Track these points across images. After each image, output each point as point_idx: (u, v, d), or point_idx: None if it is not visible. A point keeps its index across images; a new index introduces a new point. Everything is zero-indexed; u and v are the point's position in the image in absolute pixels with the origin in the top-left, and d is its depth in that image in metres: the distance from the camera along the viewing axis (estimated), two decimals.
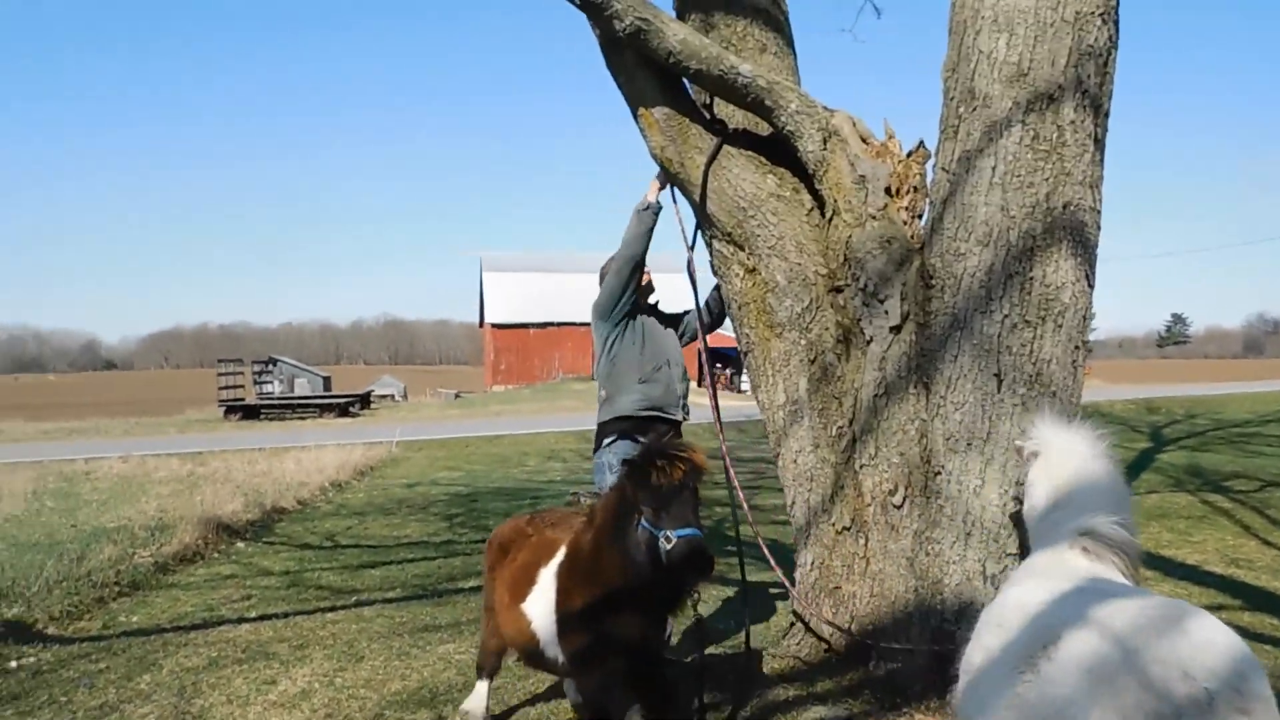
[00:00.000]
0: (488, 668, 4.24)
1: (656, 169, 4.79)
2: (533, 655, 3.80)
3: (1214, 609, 6.19)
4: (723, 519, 10.10)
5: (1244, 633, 5.51)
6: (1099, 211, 3.90)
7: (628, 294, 4.75)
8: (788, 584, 4.45)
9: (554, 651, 3.63)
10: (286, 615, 6.74)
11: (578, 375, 52.34)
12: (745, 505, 4.65)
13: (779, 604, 6.53)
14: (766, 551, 4.46)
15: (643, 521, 3.20)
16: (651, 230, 4.73)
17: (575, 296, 52.34)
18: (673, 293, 5.07)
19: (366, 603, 7.05)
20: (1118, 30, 3.88)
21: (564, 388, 46.99)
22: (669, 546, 3.09)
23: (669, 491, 3.15)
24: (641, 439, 4.67)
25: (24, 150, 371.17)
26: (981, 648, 2.54)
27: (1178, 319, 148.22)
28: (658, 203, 4.75)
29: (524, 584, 3.78)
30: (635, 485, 3.23)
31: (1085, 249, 3.85)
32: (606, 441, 4.75)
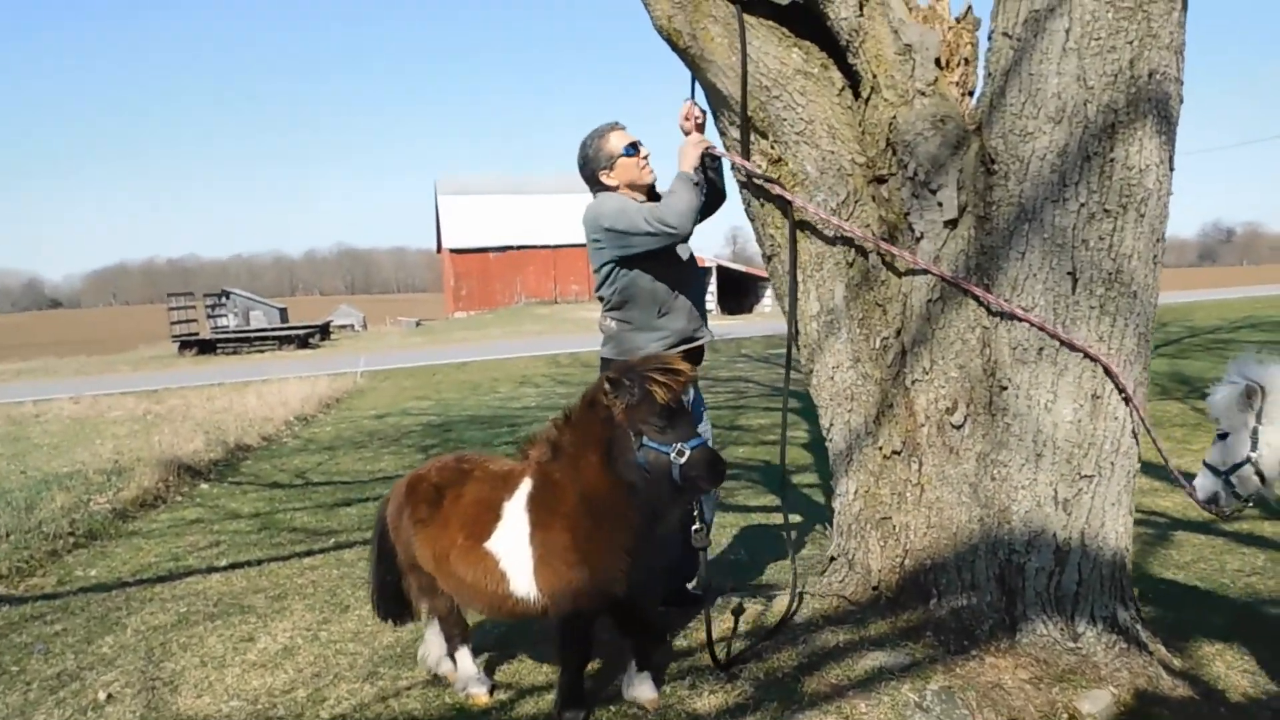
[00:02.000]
0: (459, 632, 3.82)
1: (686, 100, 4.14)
2: (498, 599, 3.48)
3: (1229, 519, 5.94)
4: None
5: (1267, 544, 5.30)
6: (1182, 82, 3.37)
7: (646, 248, 3.99)
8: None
9: (527, 590, 3.38)
10: (260, 562, 6.23)
11: (541, 299, 51.55)
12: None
13: (794, 535, 6.15)
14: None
15: (646, 440, 3.13)
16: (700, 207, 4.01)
17: (536, 219, 51.36)
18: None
19: (346, 545, 6.55)
20: None
21: (528, 312, 46.27)
22: (683, 460, 3.07)
23: (673, 406, 3.13)
24: None
25: None
26: None
27: None
28: (699, 173, 4.02)
29: (485, 521, 3.46)
30: (634, 405, 3.14)
31: (1169, 126, 3.34)
32: None
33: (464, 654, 3.83)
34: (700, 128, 4.12)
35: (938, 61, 3.60)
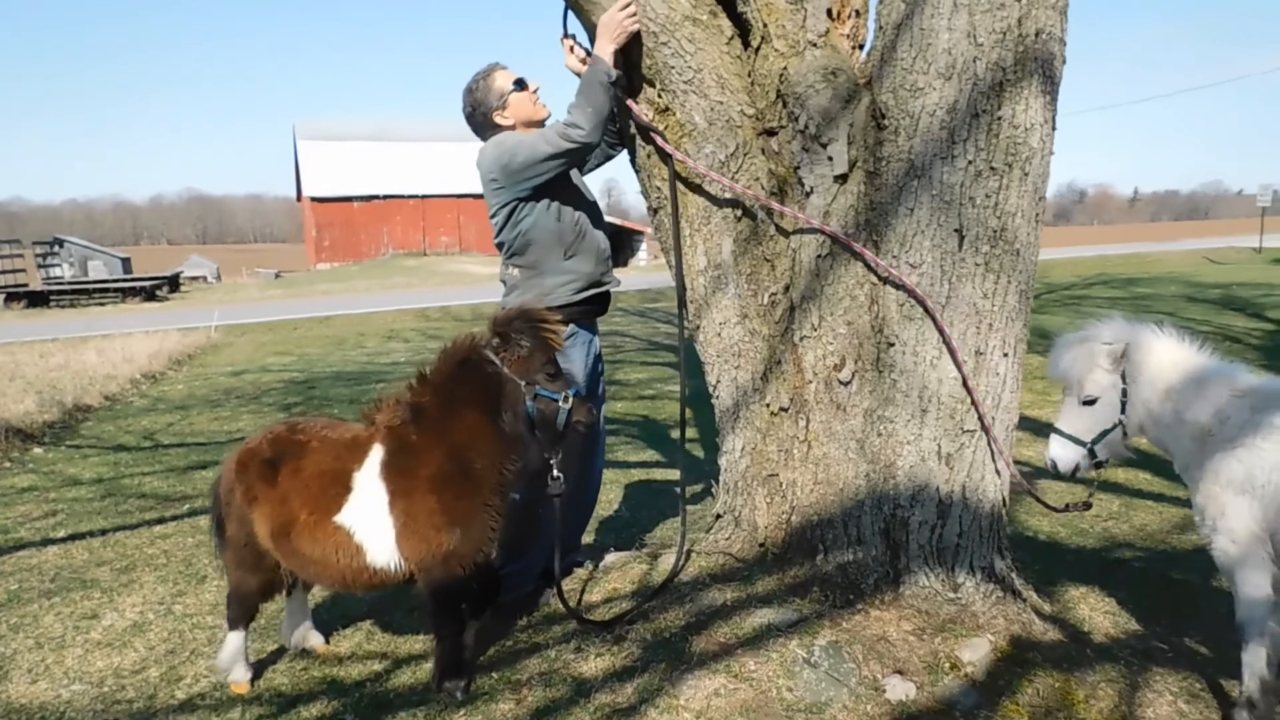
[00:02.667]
0: (246, 615, 3.60)
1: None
2: (352, 572, 3.33)
3: None
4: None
5: (1121, 489, 5.63)
6: (1065, 43, 3.41)
7: (555, 171, 3.74)
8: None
9: (388, 560, 3.27)
10: (105, 532, 5.77)
11: (409, 251, 50.02)
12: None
13: (669, 491, 6.14)
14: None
15: (541, 391, 3.21)
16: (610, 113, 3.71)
17: (403, 168, 49.57)
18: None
19: (201, 511, 6.12)
20: None
21: (395, 264, 44.84)
22: (569, 406, 3.21)
23: (554, 356, 3.26)
24: (589, 329, 4.02)
25: None
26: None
27: None
28: (620, 73, 3.68)
29: (333, 494, 3.29)
30: (527, 356, 3.22)
31: (1053, 85, 3.37)
32: None
33: (239, 635, 3.58)
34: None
35: (829, 13, 3.52)
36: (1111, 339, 3.27)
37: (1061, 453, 3.36)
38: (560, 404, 3.20)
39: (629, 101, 3.79)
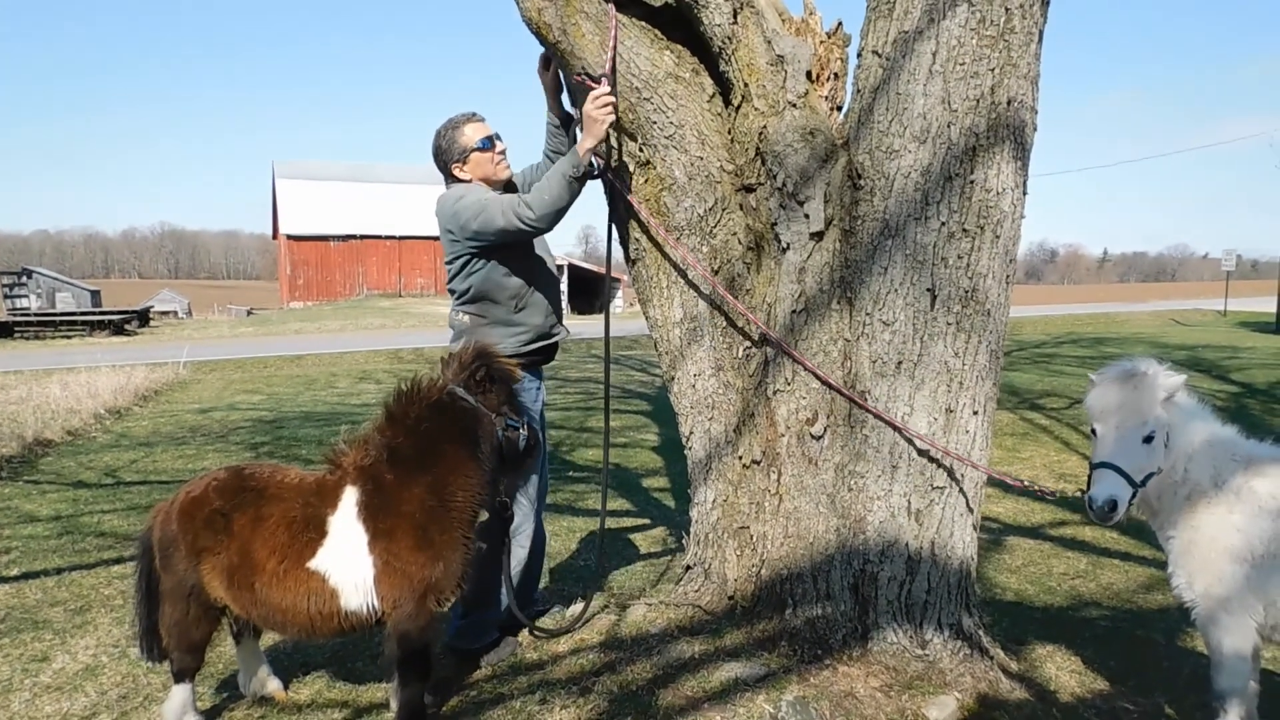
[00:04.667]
0: (192, 667, 3.51)
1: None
2: (321, 618, 3.27)
3: (1056, 525, 6.33)
4: (559, 442, 9.59)
5: (1088, 548, 5.68)
6: (1037, 111, 3.52)
7: (504, 241, 3.78)
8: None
9: (361, 603, 3.24)
10: (60, 571, 5.63)
11: (384, 291, 49.88)
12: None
13: (638, 541, 6.11)
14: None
15: (510, 422, 3.37)
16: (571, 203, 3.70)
17: (380, 209, 49.65)
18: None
19: None
20: None
21: (369, 304, 44.69)
22: (525, 433, 3.42)
23: (512, 387, 3.46)
24: (536, 376, 4.03)
25: None
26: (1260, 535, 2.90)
27: None
28: (593, 166, 3.67)
29: (305, 541, 3.24)
30: (498, 389, 3.38)
31: (1024, 151, 3.48)
32: None
33: (183, 690, 3.48)
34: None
35: (809, 74, 3.61)
36: (1165, 370, 3.06)
37: (1108, 487, 2.95)
38: (521, 431, 3.41)
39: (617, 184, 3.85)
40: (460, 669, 3.77)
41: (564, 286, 47.94)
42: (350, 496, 3.29)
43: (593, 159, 3.64)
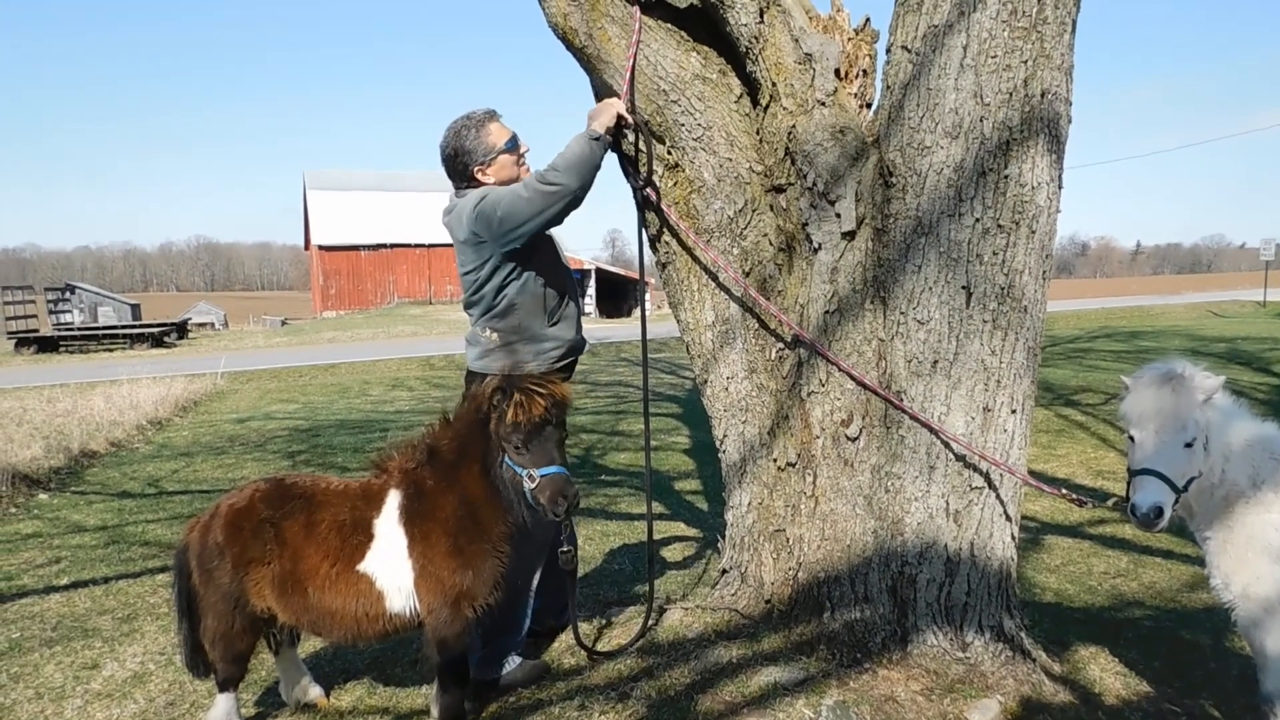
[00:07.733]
0: (236, 676, 3.54)
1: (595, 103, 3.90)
2: (369, 620, 3.31)
3: (1095, 523, 6.23)
4: (590, 446, 9.59)
5: (1129, 546, 5.58)
6: (1071, 103, 3.47)
7: (542, 228, 3.57)
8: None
9: (403, 606, 3.27)
10: (107, 580, 5.73)
11: (415, 300, 50.27)
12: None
13: (672, 545, 6.09)
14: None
15: (506, 459, 3.13)
16: (599, 168, 3.57)
17: (409, 217, 50.04)
18: None
19: None
20: None
21: (400, 312, 45.05)
22: (533, 485, 3.07)
23: (531, 428, 3.08)
24: None
25: None
26: None
27: None
28: (609, 135, 3.60)
29: (355, 543, 3.28)
30: (501, 419, 3.11)
31: (1059, 144, 3.42)
32: None
33: (227, 700, 3.51)
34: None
35: (837, 72, 3.58)
36: (1203, 373, 2.96)
37: (1152, 493, 2.85)
38: (525, 481, 3.08)
39: (646, 189, 3.81)
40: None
41: (591, 291, 48.20)
42: (394, 500, 3.32)
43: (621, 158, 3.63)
